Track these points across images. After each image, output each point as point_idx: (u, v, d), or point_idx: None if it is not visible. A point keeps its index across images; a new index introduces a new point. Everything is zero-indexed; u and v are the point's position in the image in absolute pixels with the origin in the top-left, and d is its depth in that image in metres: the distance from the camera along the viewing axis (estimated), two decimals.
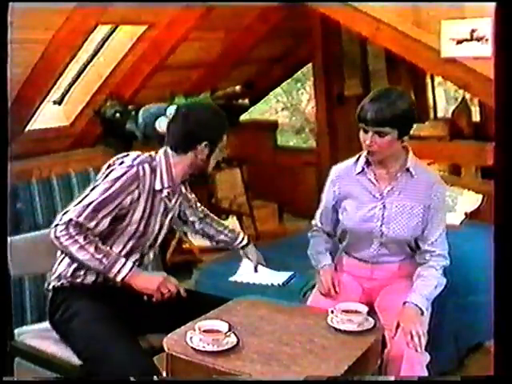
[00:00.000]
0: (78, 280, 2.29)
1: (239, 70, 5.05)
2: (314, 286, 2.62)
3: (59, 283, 2.30)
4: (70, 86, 4.13)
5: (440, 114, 6.02)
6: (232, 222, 5.01)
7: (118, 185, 2.21)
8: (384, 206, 2.41)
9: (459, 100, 5.13)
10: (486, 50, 2.77)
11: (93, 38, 3.81)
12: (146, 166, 2.28)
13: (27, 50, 3.32)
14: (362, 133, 2.34)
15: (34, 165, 3.87)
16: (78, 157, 4.13)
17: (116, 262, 2.19)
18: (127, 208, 2.25)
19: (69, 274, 2.29)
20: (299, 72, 6.65)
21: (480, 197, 3.83)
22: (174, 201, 2.42)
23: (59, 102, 4.19)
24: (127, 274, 2.18)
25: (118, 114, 4.05)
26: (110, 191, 2.20)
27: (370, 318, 2.10)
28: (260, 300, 2.38)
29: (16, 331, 2.35)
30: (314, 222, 2.66)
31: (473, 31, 2.81)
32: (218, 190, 5.24)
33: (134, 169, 2.24)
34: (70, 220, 2.15)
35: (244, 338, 1.97)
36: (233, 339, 1.93)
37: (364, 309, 2.11)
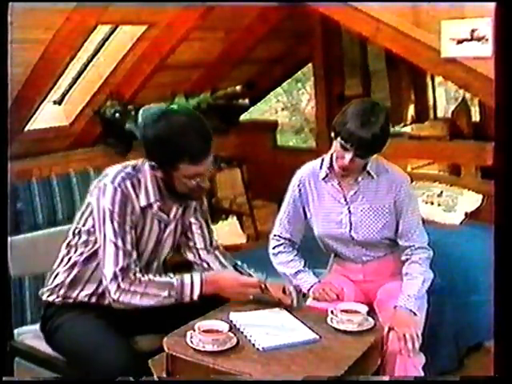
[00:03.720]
0: (73, 295, 2.20)
1: (239, 70, 5.04)
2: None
3: (51, 298, 2.22)
4: (70, 86, 4.13)
5: (440, 114, 6.02)
6: (232, 222, 5.02)
7: (116, 209, 2.06)
8: (350, 211, 2.40)
9: (459, 100, 5.13)
10: (486, 49, 2.77)
11: (93, 38, 3.81)
12: (128, 183, 2.11)
13: (27, 50, 3.32)
14: (339, 148, 2.26)
15: (34, 165, 3.88)
16: (77, 157, 4.15)
17: (182, 285, 2.09)
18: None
19: (62, 292, 2.21)
20: (299, 72, 6.65)
21: (480, 197, 3.83)
22: (173, 214, 2.24)
23: (59, 102, 4.19)
24: (201, 289, 2.10)
25: (117, 114, 4.05)
26: (115, 220, 2.06)
27: (370, 318, 2.10)
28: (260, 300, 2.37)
29: (16, 331, 2.34)
30: (273, 236, 2.54)
31: (473, 31, 2.81)
32: (218, 190, 5.24)
33: (119, 189, 2.07)
34: (114, 274, 2.04)
35: (244, 337, 1.97)
36: (233, 339, 1.93)
37: (364, 309, 2.11)
